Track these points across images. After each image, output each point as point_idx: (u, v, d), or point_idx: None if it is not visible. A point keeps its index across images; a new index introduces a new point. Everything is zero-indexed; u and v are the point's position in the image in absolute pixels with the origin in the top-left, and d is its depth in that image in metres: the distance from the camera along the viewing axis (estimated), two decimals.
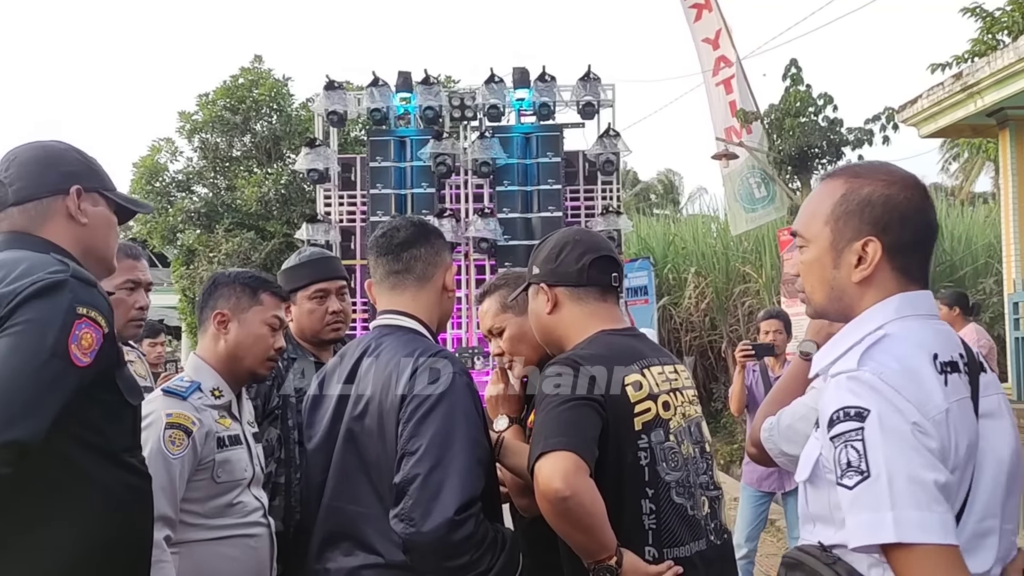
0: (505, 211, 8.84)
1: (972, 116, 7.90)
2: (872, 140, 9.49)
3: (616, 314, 2.11)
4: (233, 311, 2.43)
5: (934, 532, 1.22)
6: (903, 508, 1.23)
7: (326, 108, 9.03)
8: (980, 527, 1.36)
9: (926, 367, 1.34)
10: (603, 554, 1.79)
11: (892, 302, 1.44)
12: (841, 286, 1.49)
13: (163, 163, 17.31)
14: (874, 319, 1.43)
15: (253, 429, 2.51)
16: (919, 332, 1.41)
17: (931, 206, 1.49)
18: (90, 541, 1.68)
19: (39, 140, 1.91)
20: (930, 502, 1.23)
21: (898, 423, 1.27)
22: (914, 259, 1.47)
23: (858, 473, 1.27)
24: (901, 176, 1.49)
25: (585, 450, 1.77)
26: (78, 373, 1.62)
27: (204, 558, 2.21)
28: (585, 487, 1.74)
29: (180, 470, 2.15)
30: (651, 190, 29.74)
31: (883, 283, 1.46)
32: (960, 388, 1.38)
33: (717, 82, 10.88)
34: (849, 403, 1.32)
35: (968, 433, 1.35)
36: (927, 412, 1.29)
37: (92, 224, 1.87)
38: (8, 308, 1.60)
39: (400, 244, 2.14)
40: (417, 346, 2.01)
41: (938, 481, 1.25)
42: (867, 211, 1.45)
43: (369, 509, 1.95)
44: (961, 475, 1.33)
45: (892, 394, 1.29)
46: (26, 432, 1.52)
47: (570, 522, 1.75)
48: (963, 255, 12.02)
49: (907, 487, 1.24)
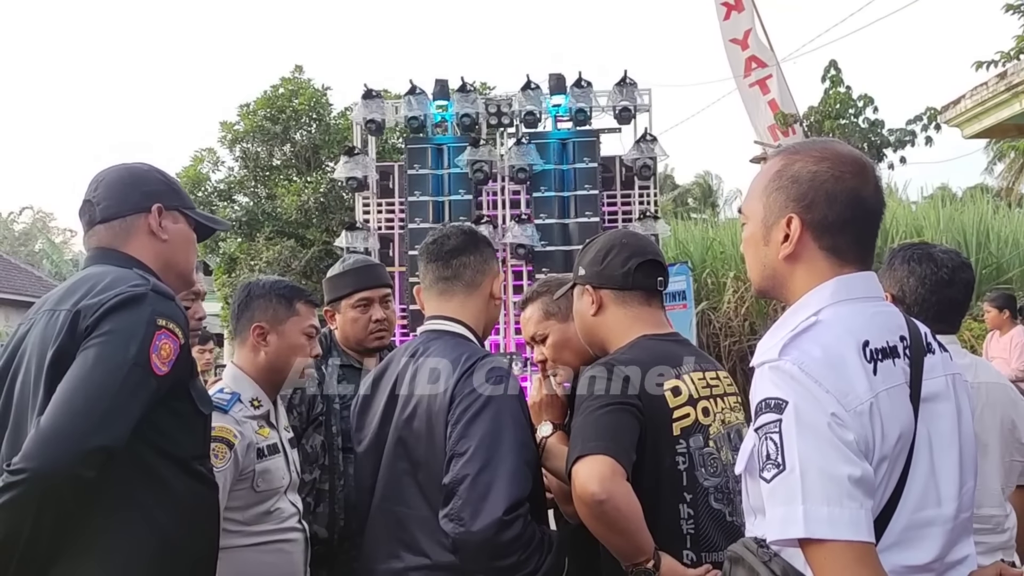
0: (542, 217, 8.84)
1: (1018, 116, 7.73)
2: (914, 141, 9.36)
3: (660, 318, 2.12)
4: (271, 323, 2.47)
5: (843, 528, 1.19)
6: (813, 503, 1.20)
7: (364, 117, 9.10)
8: (917, 518, 1.31)
9: (852, 355, 1.30)
10: (640, 557, 1.80)
11: (828, 287, 1.39)
12: (771, 264, 1.45)
13: (205, 173, 17.59)
14: (810, 305, 1.39)
15: (289, 434, 2.56)
16: (851, 318, 1.36)
17: (868, 185, 1.41)
18: (164, 546, 1.75)
19: (124, 162, 2.03)
20: (841, 497, 1.20)
21: (814, 416, 1.24)
22: (844, 239, 1.40)
23: (775, 466, 1.25)
24: (835, 153, 1.42)
25: (622, 454, 1.79)
26: (157, 381, 1.71)
27: (242, 563, 2.26)
28: (621, 491, 1.75)
29: (223, 483, 2.19)
30: (689, 194, 29.55)
31: (812, 263, 1.41)
32: (894, 375, 1.33)
33: (751, 82, 10.75)
34: (770, 394, 1.29)
35: (900, 422, 1.30)
36: (848, 403, 1.25)
37: (172, 240, 1.97)
38: (93, 318, 1.70)
39: (450, 251, 2.17)
40: (465, 350, 2.04)
41: (852, 475, 1.21)
42: (793, 187, 1.41)
43: (417, 511, 1.99)
44: (891, 466, 1.29)
45: (811, 384, 1.26)
46: (110, 438, 1.61)
47: (606, 525, 1.77)
48: (1010, 257, 11.75)
49: (819, 481, 1.21)
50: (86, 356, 1.66)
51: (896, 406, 1.30)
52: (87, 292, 1.76)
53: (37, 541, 1.62)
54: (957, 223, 12.27)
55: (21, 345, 1.82)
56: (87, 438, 1.58)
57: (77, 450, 1.57)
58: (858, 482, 1.21)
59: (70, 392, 1.62)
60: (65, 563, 1.68)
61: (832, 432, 1.23)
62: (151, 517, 1.74)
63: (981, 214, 12.71)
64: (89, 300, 1.73)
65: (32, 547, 1.63)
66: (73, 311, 1.72)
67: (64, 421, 1.58)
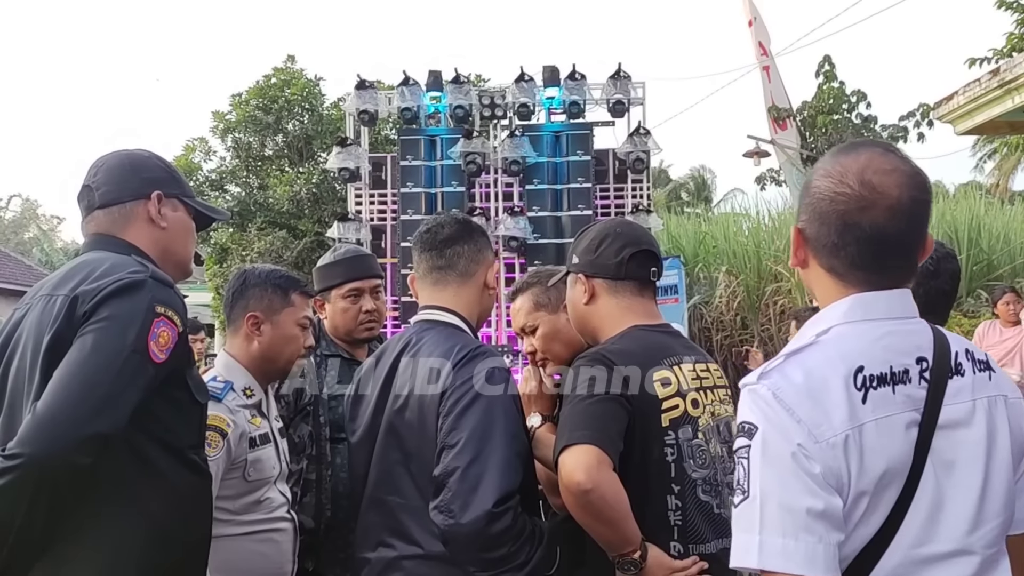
0: (535, 209, 8.82)
1: (1010, 113, 7.75)
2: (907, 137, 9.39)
3: (652, 309, 2.11)
4: (266, 313, 2.46)
5: (797, 561, 1.16)
6: (769, 534, 1.18)
7: (357, 107, 9.06)
8: (915, 554, 1.23)
9: (836, 382, 1.24)
10: (627, 548, 1.80)
11: (843, 304, 1.33)
12: (801, 273, 1.42)
13: (197, 163, 17.51)
14: (822, 322, 1.34)
15: (279, 424, 2.55)
16: (852, 341, 1.29)
17: (872, 209, 1.28)
18: (157, 534, 1.75)
19: (125, 148, 2.02)
20: (797, 530, 1.17)
21: (780, 445, 1.21)
22: (838, 261, 1.32)
23: (742, 492, 1.23)
24: (843, 170, 1.31)
25: (608, 444, 1.78)
26: (155, 369, 1.70)
27: (232, 553, 2.26)
28: (607, 480, 1.75)
29: (215, 472, 2.18)
30: (683, 188, 29.57)
31: (818, 278, 1.36)
32: (890, 404, 1.25)
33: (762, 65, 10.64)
34: (745, 418, 1.26)
35: (889, 454, 1.23)
36: (819, 434, 1.20)
37: (171, 228, 1.97)
38: (92, 304, 1.69)
39: (444, 240, 2.17)
40: (458, 341, 2.04)
41: (813, 508, 1.17)
42: (804, 198, 1.36)
43: (410, 501, 1.99)
44: (874, 500, 1.22)
45: (781, 413, 1.22)
46: (107, 425, 1.60)
47: (592, 515, 1.77)
48: (1001, 253, 11.80)
49: (776, 512, 1.18)
50: (84, 342, 1.65)
51: (886, 437, 1.23)
52: (85, 277, 1.75)
53: (31, 527, 1.62)
54: (949, 219, 12.28)
55: (17, 330, 1.82)
56: (83, 424, 1.57)
57: (73, 436, 1.57)
58: (820, 515, 1.17)
59: (67, 378, 1.61)
60: (58, 549, 1.68)
61: (796, 463, 1.19)
62: (145, 505, 1.74)
63: (973, 211, 12.74)
64: (87, 286, 1.72)
65: (26, 533, 1.62)
66: (71, 296, 1.72)
67: (60, 407, 1.58)
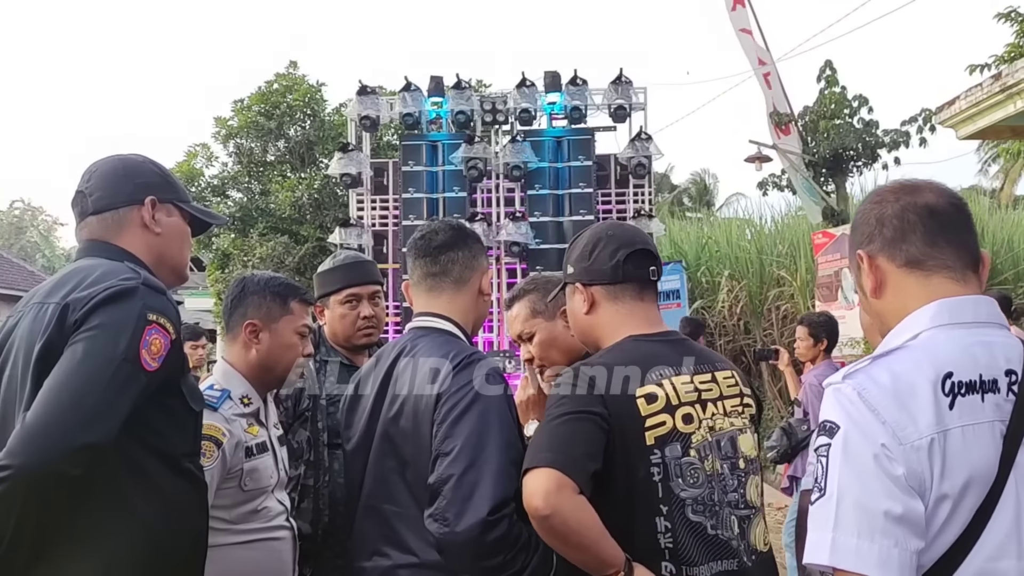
0: (536, 215, 8.82)
1: (1011, 117, 7.74)
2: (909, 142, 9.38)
3: (652, 314, 2.01)
4: (264, 321, 2.43)
5: (869, 564, 1.17)
6: (844, 533, 1.19)
7: (359, 113, 9.07)
8: (992, 567, 1.23)
9: (924, 386, 1.25)
10: (608, 570, 1.70)
11: (929, 310, 1.34)
12: (871, 306, 1.49)
13: (199, 168, 17.52)
14: (908, 329, 1.35)
15: (278, 432, 2.53)
16: (942, 346, 1.30)
17: (919, 194, 1.43)
18: (151, 544, 1.73)
19: (119, 153, 2.00)
20: (873, 532, 1.17)
21: (862, 445, 1.22)
22: (914, 246, 1.42)
23: (819, 490, 1.25)
24: (877, 191, 1.50)
25: (571, 466, 1.68)
26: (147, 377, 1.68)
27: (230, 562, 2.23)
28: (567, 505, 1.65)
29: (210, 481, 2.14)
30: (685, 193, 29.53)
31: (896, 285, 1.43)
32: (979, 411, 1.25)
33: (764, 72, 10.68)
34: (827, 416, 1.28)
35: (973, 462, 1.23)
36: (904, 436, 1.21)
37: (166, 234, 1.95)
38: (83, 312, 1.67)
39: (438, 247, 2.15)
40: (452, 348, 2.02)
41: (891, 511, 1.18)
42: (852, 236, 1.50)
43: (405, 509, 1.97)
44: (955, 506, 1.22)
45: (866, 413, 1.23)
46: (97, 435, 1.58)
47: (558, 539, 1.69)
48: (1005, 258, 11.78)
49: (852, 512, 1.19)
50: (74, 351, 1.63)
51: (973, 445, 1.23)
52: (76, 285, 1.73)
53: (21, 538, 1.60)
54: None
55: (9, 338, 1.80)
56: (74, 435, 1.55)
57: (63, 447, 1.54)
58: (898, 519, 1.18)
59: (57, 387, 1.59)
60: (50, 561, 1.65)
61: (878, 464, 1.20)
62: (139, 515, 1.72)
63: (976, 216, 12.73)
64: (78, 293, 1.70)
65: (16, 544, 1.60)
66: (62, 304, 1.70)
67: (50, 417, 1.55)
